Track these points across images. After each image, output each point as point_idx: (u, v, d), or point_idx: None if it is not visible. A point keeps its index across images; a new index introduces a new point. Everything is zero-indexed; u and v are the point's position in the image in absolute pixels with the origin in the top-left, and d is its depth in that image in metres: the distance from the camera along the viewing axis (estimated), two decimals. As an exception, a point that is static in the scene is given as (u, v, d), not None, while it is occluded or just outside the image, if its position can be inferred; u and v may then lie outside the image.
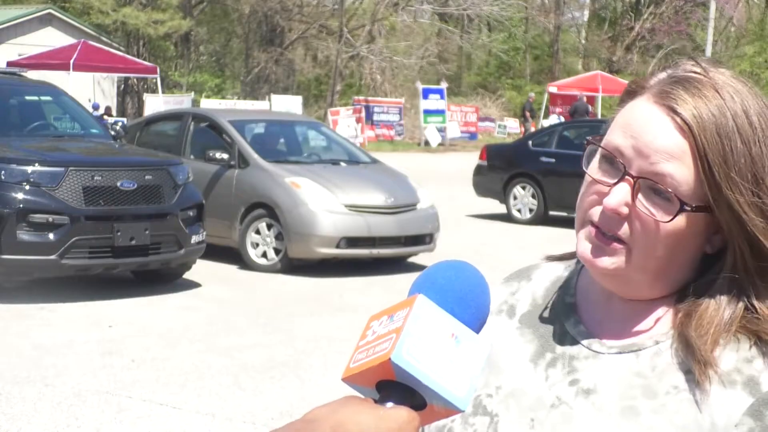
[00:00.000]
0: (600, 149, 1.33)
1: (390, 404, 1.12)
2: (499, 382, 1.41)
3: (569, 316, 1.42)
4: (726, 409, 1.26)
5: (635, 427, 1.29)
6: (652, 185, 1.28)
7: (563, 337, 1.40)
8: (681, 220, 1.29)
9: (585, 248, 1.33)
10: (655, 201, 1.28)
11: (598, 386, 1.34)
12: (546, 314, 1.44)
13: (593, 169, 1.34)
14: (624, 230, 1.30)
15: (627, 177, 1.29)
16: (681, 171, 1.27)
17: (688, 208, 1.28)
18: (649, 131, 1.29)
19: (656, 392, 1.30)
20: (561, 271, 1.49)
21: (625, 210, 1.29)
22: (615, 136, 1.32)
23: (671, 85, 1.31)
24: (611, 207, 1.29)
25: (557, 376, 1.37)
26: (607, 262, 1.31)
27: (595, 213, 1.32)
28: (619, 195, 1.29)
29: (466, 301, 1.18)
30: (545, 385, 1.38)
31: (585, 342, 1.38)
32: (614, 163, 1.31)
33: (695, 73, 1.31)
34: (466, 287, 1.20)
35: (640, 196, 1.29)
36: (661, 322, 1.35)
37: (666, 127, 1.28)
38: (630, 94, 1.35)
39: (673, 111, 1.28)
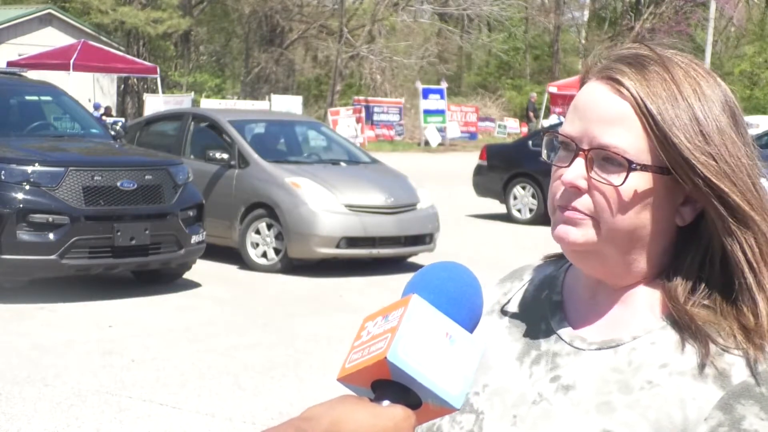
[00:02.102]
0: (558, 138, 1.38)
1: (386, 403, 1.13)
2: (486, 380, 1.43)
3: (555, 313, 1.44)
4: (697, 402, 1.27)
5: (610, 422, 1.30)
6: (604, 155, 1.32)
7: (548, 335, 1.42)
8: (637, 183, 1.31)
9: (556, 229, 1.36)
10: (610, 169, 1.32)
11: (577, 382, 1.35)
12: (534, 313, 1.47)
13: (554, 158, 1.38)
14: (587, 204, 1.33)
15: (580, 152, 1.33)
16: (627, 134, 1.31)
17: (637, 167, 1.30)
18: (591, 104, 1.34)
19: (631, 387, 1.31)
20: (552, 270, 1.51)
21: (583, 183, 1.33)
22: (567, 122, 1.37)
23: (612, 62, 1.36)
24: (568, 181, 1.33)
25: (540, 373, 1.39)
26: (576, 234, 1.34)
27: (560, 195, 1.36)
28: (575, 169, 1.33)
29: (459, 301, 1.20)
30: (529, 382, 1.40)
31: (568, 339, 1.40)
32: (569, 145, 1.35)
33: (636, 48, 1.37)
34: (460, 288, 1.21)
35: (595, 167, 1.33)
36: (643, 316, 1.36)
37: (605, 95, 1.33)
38: (581, 85, 1.40)
39: (611, 80, 1.33)
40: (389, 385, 1.14)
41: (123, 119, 26.10)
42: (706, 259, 1.33)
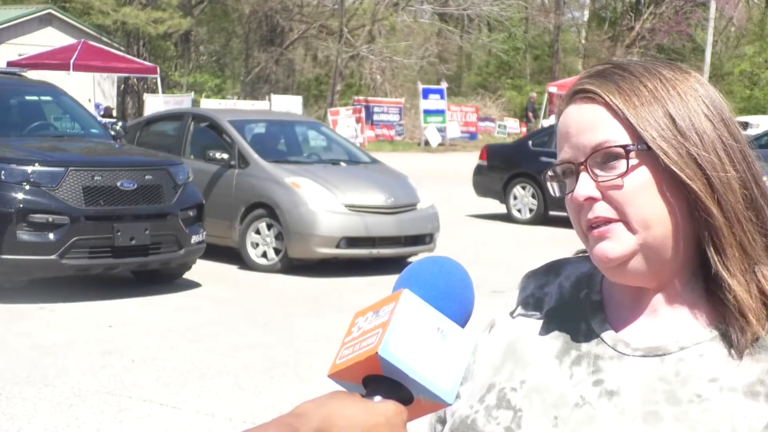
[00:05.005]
0: (558, 171, 1.38)
1: (378, 398, 1.13)
2: (524, 376, 1.40)
3: (596, 314, 1.41)
4: (748, 420, 1.26)
5: None
6: (600, 156, 1.32)
7: (589, 336, 1.39)
8: (641, 167, 1.31)
9: (592, 251, 1.34)
10: (612, 165, 1.32)
11: (621, 389, 1.33)
12: (572, 311, 1.43)
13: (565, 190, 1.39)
14: (608, 209, 1.32)
15: (580, 167, 1.34)
16: (609, 128, 1.32)
17: (632, 148, 1.31)
18: (569, 123, 1.36)
19: (679, 399, 1.29)
20: (588, 267, 1.47)
21: (596, 192, 1.32)
22: (559, 154, 1.38)
23: (574, 85, 1.39)
24: (582, 194, 1.32)
25: (582, 374, 1.37)
26: (614, 247, 1.32)
27: (582, 215, 1.34)
28: (583, 183, 1.33)
29: (450, 295, 1.20)
30: (569, 383, 1.37)
31: (610, 342, 1.37)
32: (569, 169, 1.36)
33: (593, 68, 1.40)
34: (451, 282, 1.21)
35: (598, 173, 1.32)
36: (690, 323, 1.34)
37: (578, 109, 1.35)
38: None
39: (577, 94, 1.36)
40: (381, 381, 1.14)
41: (122, 120, 26.04)
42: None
